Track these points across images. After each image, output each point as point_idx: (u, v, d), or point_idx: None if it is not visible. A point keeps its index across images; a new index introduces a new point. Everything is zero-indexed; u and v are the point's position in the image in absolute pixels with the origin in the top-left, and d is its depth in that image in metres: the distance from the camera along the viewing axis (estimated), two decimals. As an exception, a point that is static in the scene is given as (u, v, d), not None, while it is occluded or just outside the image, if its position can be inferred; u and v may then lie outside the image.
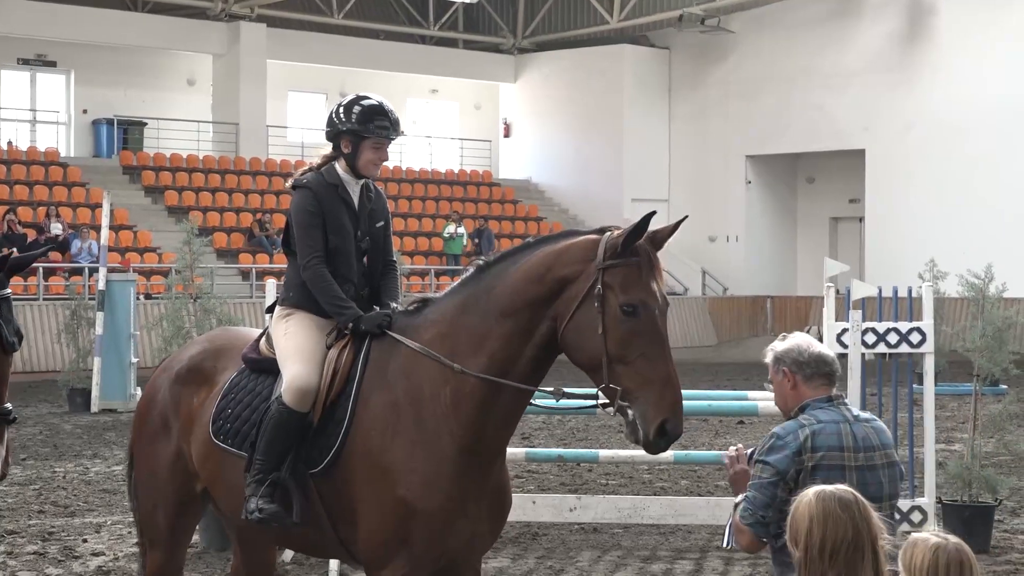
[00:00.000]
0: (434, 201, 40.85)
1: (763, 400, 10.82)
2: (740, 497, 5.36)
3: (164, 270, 29.89)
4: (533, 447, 16.86)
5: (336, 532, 6.40)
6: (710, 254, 41.94)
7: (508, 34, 44.93)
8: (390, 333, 6.41)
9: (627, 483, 14.77)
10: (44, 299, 29.04)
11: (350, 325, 6.52)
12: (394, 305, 6.70)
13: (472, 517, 6.21)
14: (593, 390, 6.09)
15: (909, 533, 4.21)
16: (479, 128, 45.61)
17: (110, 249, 26.18)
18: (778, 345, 5.57)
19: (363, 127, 6.66)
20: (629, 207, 42.25)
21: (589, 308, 5.92)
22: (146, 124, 38.52)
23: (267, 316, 6.97)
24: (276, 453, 6.41)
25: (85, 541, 11.70)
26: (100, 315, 21.96)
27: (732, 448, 5.59)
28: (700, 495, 13.55)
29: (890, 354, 11.44)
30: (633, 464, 14.03)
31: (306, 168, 6.86)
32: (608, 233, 6.03)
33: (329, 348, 6.55)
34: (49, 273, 30.37)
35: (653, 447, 5.78)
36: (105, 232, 23.00)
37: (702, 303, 40.14)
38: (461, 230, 37.64)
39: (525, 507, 11.14)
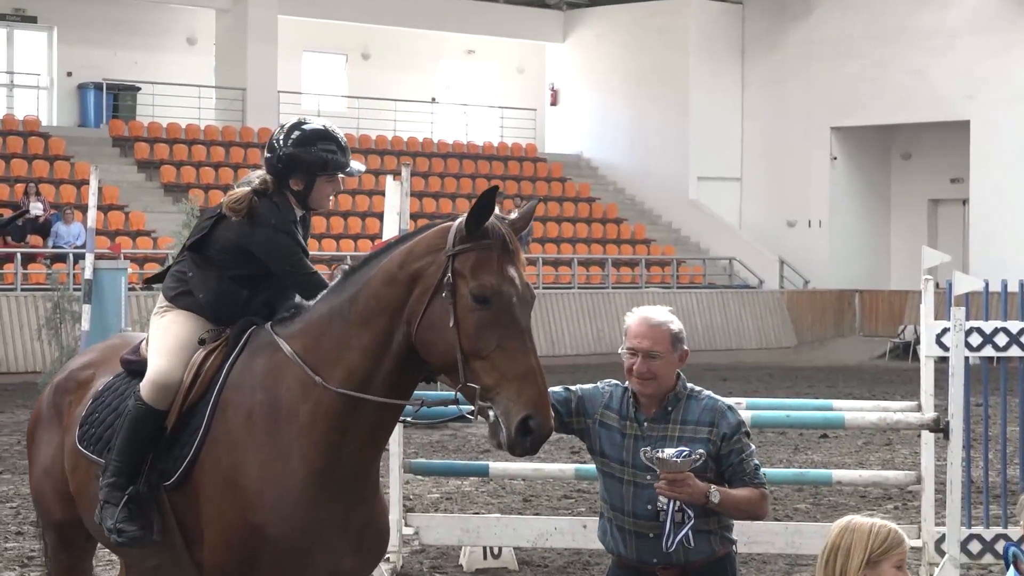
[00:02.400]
0: (470, 179, 40.83)
1: (850, 410, 10.78)
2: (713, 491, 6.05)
3: (160, 256, 30.03)
4: (584, 463, 16.81)
5: (191, 555, 6.56)
6: (789, 241, 41.83)
7: (556, -14, 44.95)
8: (273, 332, 6.55)
9: (692, 505, 14.70)
10: (23, 289, 29.17)
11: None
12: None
13: (334, 550, 6.36)
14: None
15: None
16: (522, 95, 45.59)
17: (98, 232, 26.23)
18: (672, 320, 6.28)
19: (305, 150, 6.70)
20: (695, 186, 42.22)
21: (440, 300, 6.11)
22: (139, 89, 38.68)
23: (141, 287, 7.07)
24: (131, 457, 6.60)
25: (69, 567, 11.73)
26: (86, 308, 21.96)
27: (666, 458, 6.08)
28: (777, 519, 13.49)
29: (999, 358, 11.38)
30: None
31: (247, 194, 6.76)
32: (461, 218, 6.19)
33: (202, 343, 6.73)
34: (28, 260, 30.53)
35: (517, 447, 5.93)
36: (92, 213, 23.01)
37: (779, 298, 40.05)
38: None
39: (575, 532, 11.12)
